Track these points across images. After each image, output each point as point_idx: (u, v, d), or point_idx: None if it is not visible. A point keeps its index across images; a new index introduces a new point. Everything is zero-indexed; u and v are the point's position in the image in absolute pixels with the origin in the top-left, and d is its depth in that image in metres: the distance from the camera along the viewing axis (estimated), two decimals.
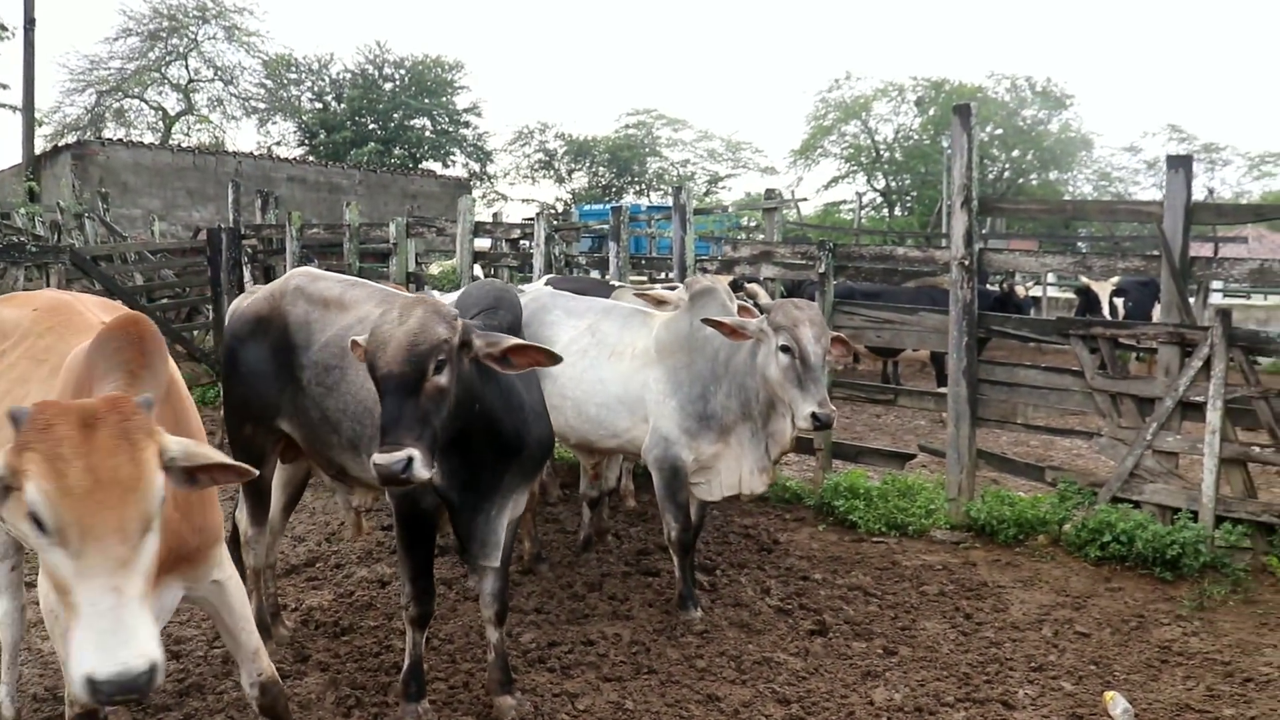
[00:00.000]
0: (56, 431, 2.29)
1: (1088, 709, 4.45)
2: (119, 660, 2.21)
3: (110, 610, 2.24)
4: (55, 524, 2.25)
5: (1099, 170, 40.55)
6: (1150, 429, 6.34)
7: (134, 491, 2.31)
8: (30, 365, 3.23)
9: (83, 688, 2.21)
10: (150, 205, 22.99)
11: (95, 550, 2.25)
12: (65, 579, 2.27)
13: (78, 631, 2.25)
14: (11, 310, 3.57)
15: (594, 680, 4.67)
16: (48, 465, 2.25)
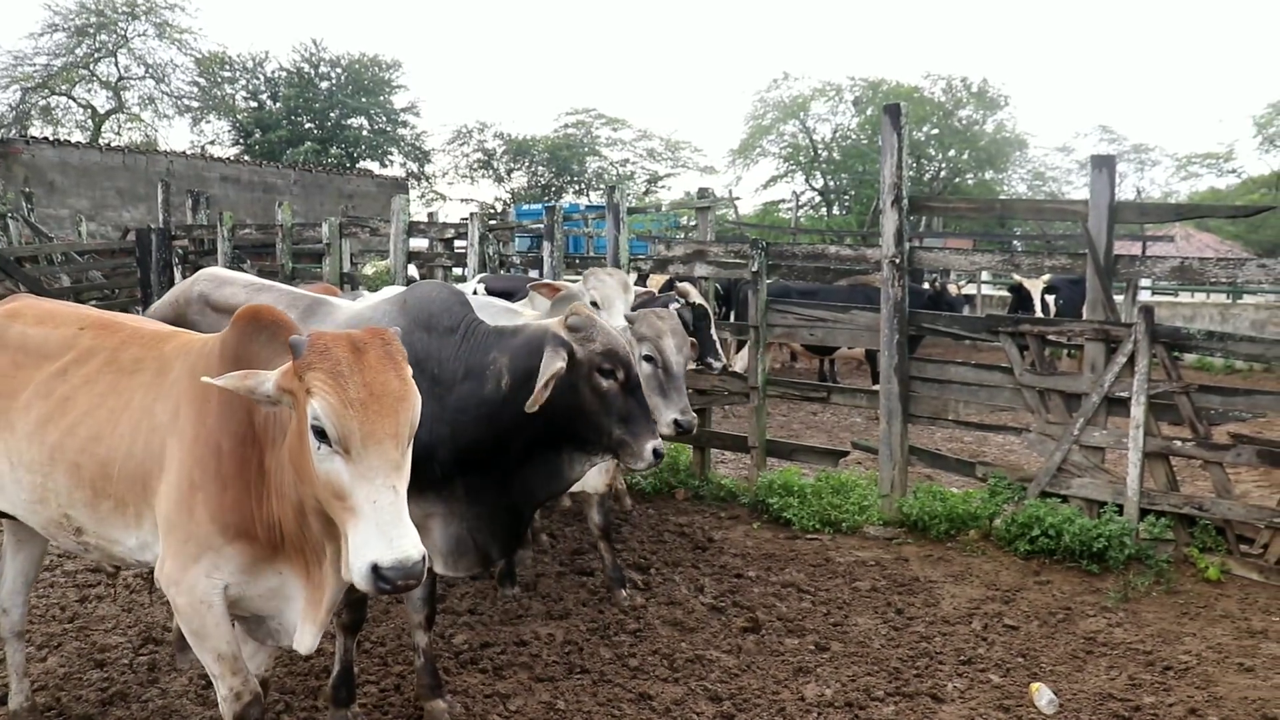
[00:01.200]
0: (334, 354, 2.57)
1: (1014, 700, 4.52)
2: (401, 549, 2.44)
3: (389, 506, 2.49)
4: (339, 432, 2.50)
5: (1033, 170, 41.29)
6: (1077, 424, 6.45)
7: (403, 401, 2.58)
8: (119, 376, 3.30)
9: (367, 577, 2.45)
10: (78, 205, 22.50)
11: (374, 453, 2.50)
12: (344, 485, 2.52)
13: (359, 529, 2.49)
14: (53, 331, 3.55)
15: (526, 681, 4.65)
16: (330, 381, 2.52)
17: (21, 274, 11.58)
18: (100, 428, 3.23)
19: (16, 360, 3.52)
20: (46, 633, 5.25)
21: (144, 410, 3.18)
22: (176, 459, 3.04)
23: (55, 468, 3.30)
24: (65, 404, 3.33)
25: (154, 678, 4.72)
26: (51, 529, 3.49)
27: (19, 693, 4.14)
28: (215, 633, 3.07)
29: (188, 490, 3.00)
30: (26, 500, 3.45)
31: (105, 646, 5.09)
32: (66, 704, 4.43)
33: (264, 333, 3.00)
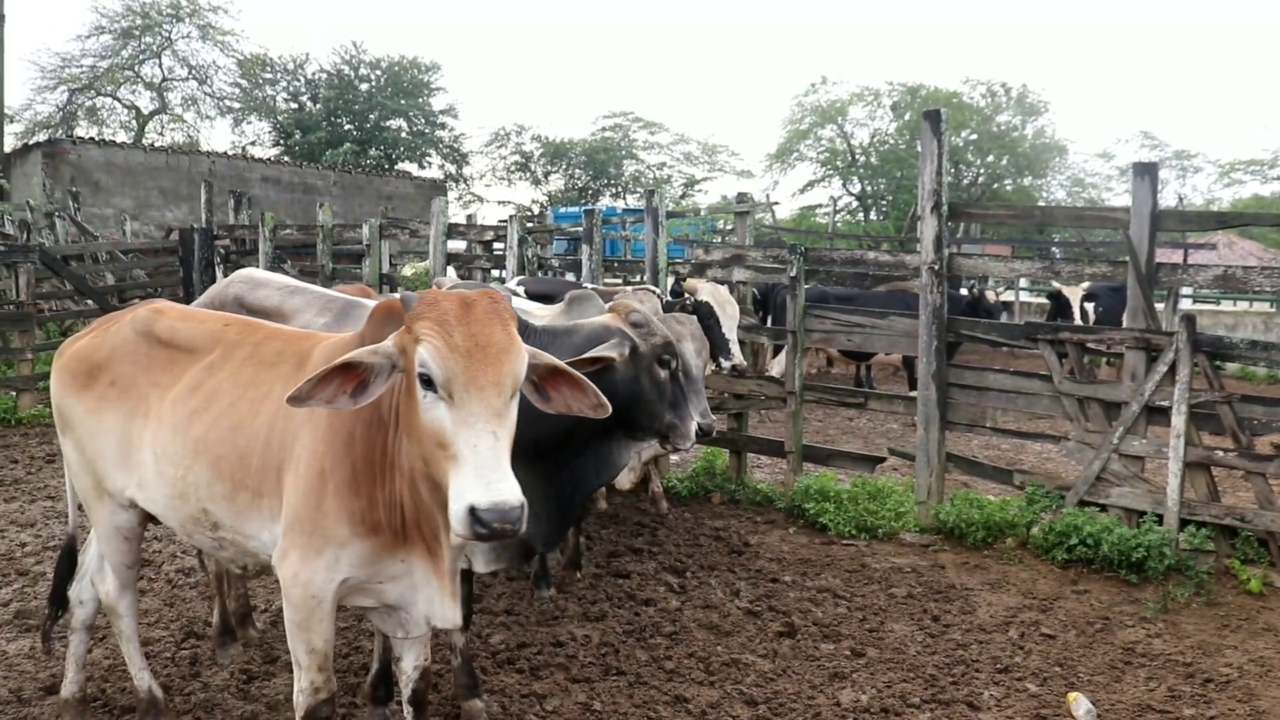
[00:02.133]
0: (442, 306, 2.67)
1: (1052, 710, 4.50)
2: (500, 493, 2.46)
3: (490, 451, 2.52)
4: (444, 377, 2.58)
5: (1072, 176, 40.94)
6: (1117, 433, 6.40)
7: (507, 353, 2.64)
8: (260, 369, 3.39)
9: (465, 520, 2.46)
10: (123, 205, 22.82)
11: (476, 400, 2.56)
12: (446, 431, 2.58)
13: (460, 474, 2.52)
14: (199, 327, 3.64)
15: (562, 681, 4.69)
16: (438, 328, 2.61)
17: (68, 272, 11.76)
18: (241, 418, 3.30)
19: (168, 355, 3.59)
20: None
21: (282, 401, 3.21)
22: (309, 449, 3.10)
23: (197, 460, 3.35)
24: (211, 397, 3.39)
25: (195, 671, 4.79)
26: (189, 526, 3.52)
27: (73, 682, 4.21)
28: (317, 628, 3.14)
29: (318, 481, 3.06)
30: (167, 496, 3.50)
31: (148, 640, 5.15)
32: (111, 695, 4.51)
33: (396, 322, 3.03)
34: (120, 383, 3.61)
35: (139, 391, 3.58)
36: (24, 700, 4.45)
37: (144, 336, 3.65)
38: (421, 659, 3.49)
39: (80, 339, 3.88)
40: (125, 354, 3.64)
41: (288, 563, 3.11)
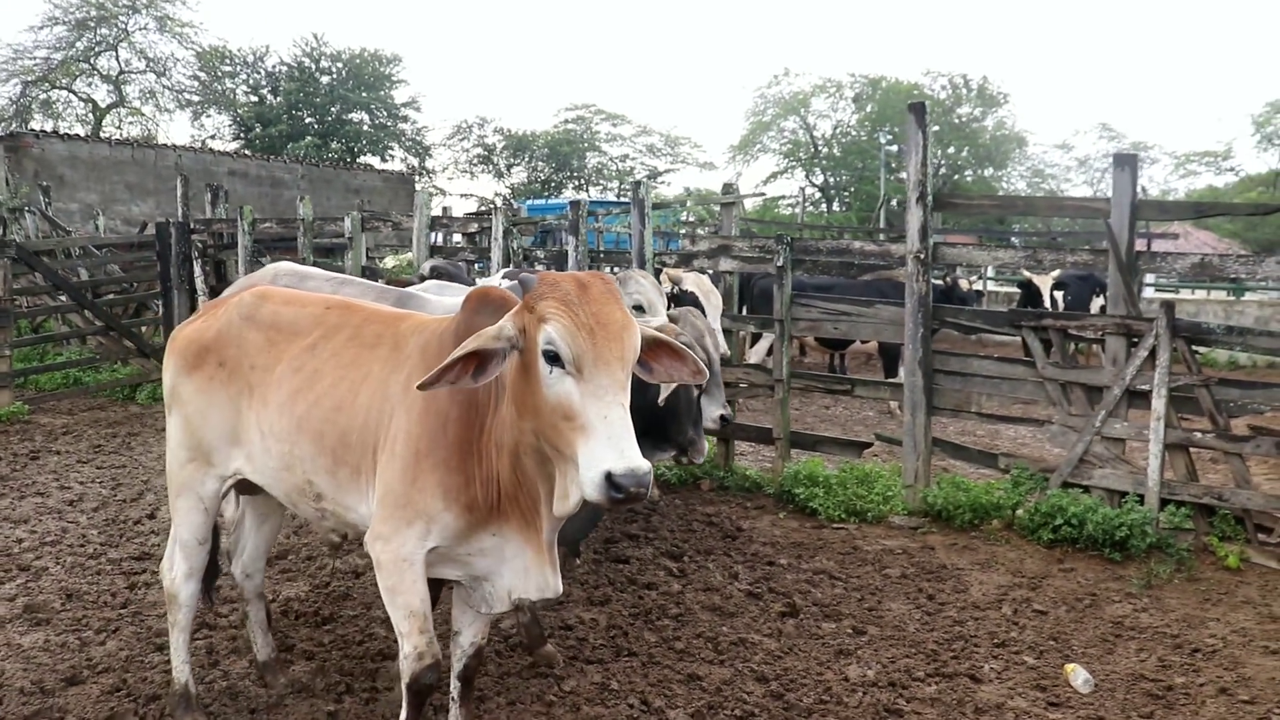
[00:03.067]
0: (563, 286, 2.78)
1: (1051, 680, 4.69)
2: (634, 459, 2.60)
3: (620, 421, 2.65)
4: (572, 353, 2.68)
5: (1032, 167, 41.54)
6: (1099, 416, 6.61)
7: (626, 330, 2.76)
8: (361, 350, 3.51)
9: (600, 486, 2.58)
10: (88, 199, 22.56)
11: (603, 373, 2.68)
12: (574, 405, 2.69)
13: (590, 443, 2.64)
14: (301, 310, 3.78)
15: (577, 663, 4.80)
16: (563, 307, 2.72)
17: (44, 267, 11.67)
18: (342, 398, 3.43)
19: (270, 338, 3.73)
20: (103, 618, 5.39)
21: (380, 382, 3.37)
22: (405, 429, 3.22)
23: (301, 436, 3.50)
24: (313, 377, 3.53)
25: (214, 660, 4.85)
26: (294, 496, 3.69)
27: (265, 646, 4.56)
28: (410, 590, 3.24)
29: (413, 459, 3.17)
30: (274, 468, 3.66)
31: (160, 631, 5.20)
32: (133, 685, 4.57)
33: (490, 308, 3.16)
34: (228, 364, 3.78)
35: (245, 371, 3.73)
36: (47, 691, 4.50)
37: (249, 321, 3.80)
38: (479, 636, 3.61)
39: (190, 324, 4.08)
40: (231, 337, 3.80)
41: (376, 529, 3.25)
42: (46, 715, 4.29)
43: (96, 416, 11.33)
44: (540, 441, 2.87)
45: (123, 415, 11.44)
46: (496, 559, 3.27)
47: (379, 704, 4.37)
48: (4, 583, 5.91)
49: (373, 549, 3.27)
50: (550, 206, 27.25)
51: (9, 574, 6.05)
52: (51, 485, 8.23)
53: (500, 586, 3.31)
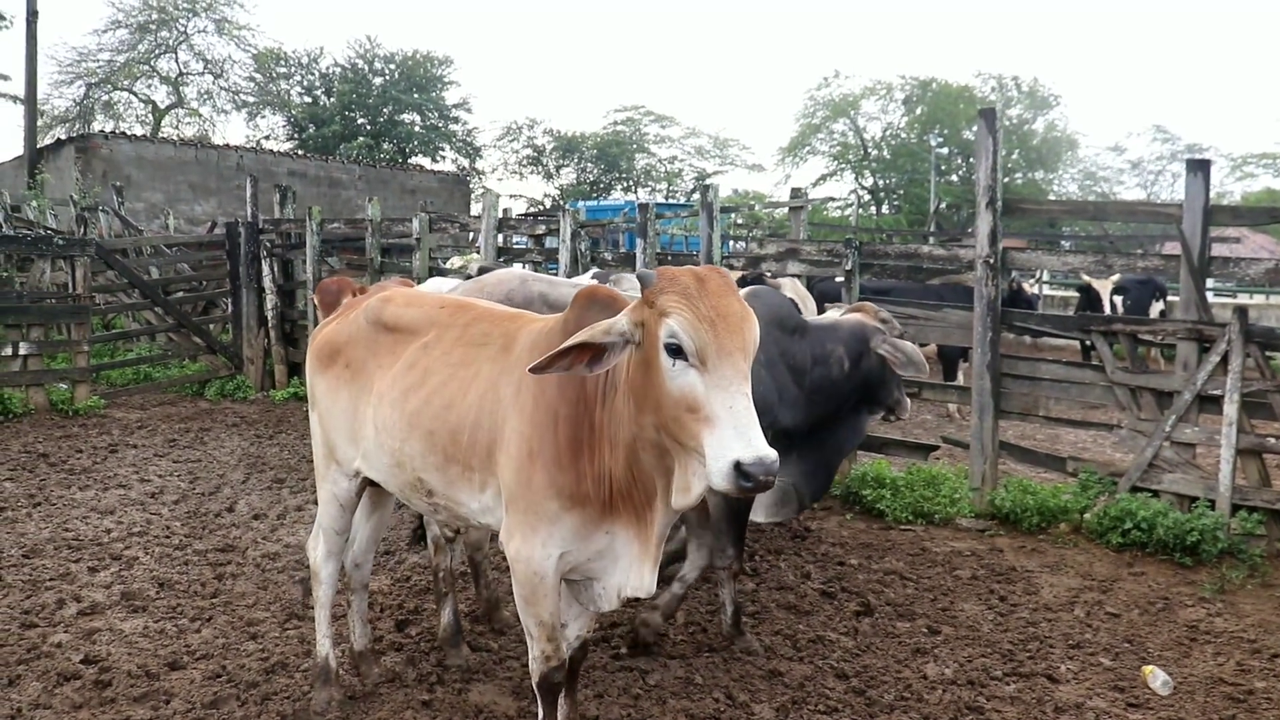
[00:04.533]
0: (682, 281, 2.80)
1: (1128, 681, 4.74)
2: (762, 448, 2.61)
3: (745, 411, 2.67)
4: (696, 345, 2.71)
5: (1084, 170, 41.10)
6: (1169, 421, 6.63)
7: (746, 321, 2.79)
8: (469, 349, 3.61)
9: (728, 475, 2.60)
10: (153, 198, 23.03)
11: (727, 365, 2.70)
12: (699, 395, 2.71)
13: (716, 434, 2.66)
14: (418, 311, 3.92)
15: (659, 658, 4.91)
16: (684, 301, 2.74)
17: (121, 265, 11.98)
18: (452, 397, 3.54)
19: (391, 337, 3.89)
20: (196, 606, 5.57)
21: (490, 382, 3.46)
22: (517, 430, 3.30)
23: (413, 433, 3.62)
24: (425, 375, 3.65)
25: (307, 649, 4.99)
26: (407, 491, 3.83)
27: (362, 636, 4.66)
28: (543, 602, 3.35)
29: (527, 459, 3.25)
30: (387, 464, 3.80)
31: (252, 620, 5.39)
32: (232, 671, 4.73)
33: (599, 305, 3.23)
34: (353, 364, 3.96)
35: (366, 372, 3.89)
36: (151, 675, 4.67)
37: (373, 323, 3.96)
38: (586, 630, 3.70)
39: (326, 326, 4.26)
40: (358, 339, 3.98)
41: (511, 542, 3.34)
42: (154, 698, 4.46)
43: (168, 411, 11.62)
44: (660, 435, 2.91)
45: (193, 410, 11.73)
46: (610, 559, 3.34)
47: (470, 694, 4.51)
48: (99, 571, 6.12)
49: (509, 557, 3.37)
50: (605, 208, 27.40)
51: (102, 563, 6.27)
52: (132, 478, 8.48)
53: (611, 585, 3.38)
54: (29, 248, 11.78)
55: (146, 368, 13.13)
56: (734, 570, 5.14)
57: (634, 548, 3.27)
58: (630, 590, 3.30)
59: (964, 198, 37.45)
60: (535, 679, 3.52)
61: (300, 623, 5.38)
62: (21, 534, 6.78)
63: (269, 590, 5.87)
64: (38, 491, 7.91)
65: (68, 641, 5.00)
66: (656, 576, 3.31)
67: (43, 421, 10.64)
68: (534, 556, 3.28)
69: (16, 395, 10.83)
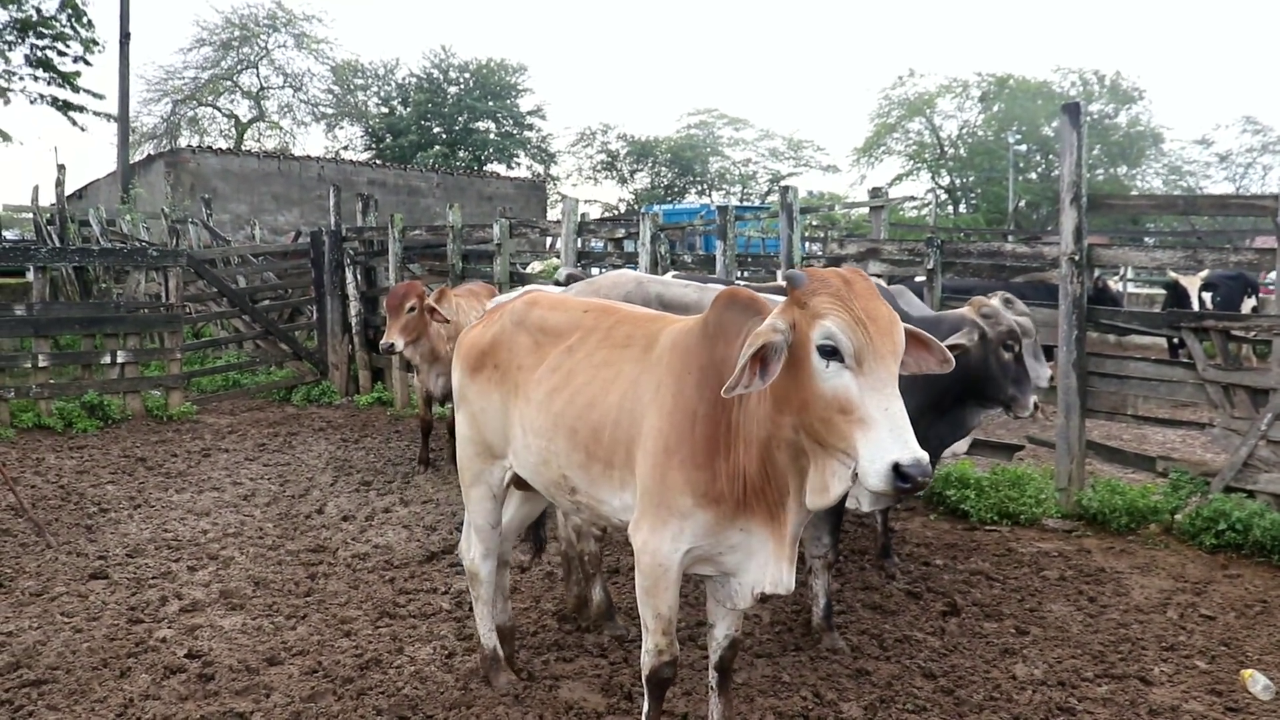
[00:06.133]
0: (832, 282, 2.86)
1: (1226, 685, 4.64)
2: (916, 450, 2.66)
3: (900, 413, 2.72)
4: (853, 347, 2.75)
5: (1169, 164, 40.13)
6: (1265, 419, 6.48)
7: (895, 323, 2.85)
8: (612, 351, 3.72)
9: (886, 477, 2.65)
10: (238, 210, 23.68)
11: (881, 367, 2.75)
12: (852, 398, 2.75)
13: (873, 435, 2.71)
14: (563, 314, 4.07)
15: (746, 657, 4.93)
16: (838, 302, 2.80)
17: (211, 275, 12.33)
18: (595, 396, 3.64)
19: (536, 340, 4.02)
20: (291, 605, 5.72)
21: (631, 381, 3.55)
22: (655, 427, 3.38)
23: (557, 433, 3.75)
24: (569, 376, 3.77)
25: (399, 647, 5.11)
26: (551, 489, 3.97)
27: (502, 611, 4.81)
28: (663, 594, 3.43)
29: (663, 456, 3.33)
30: (533, 463, 3.95)
31: (345, 619, 5.51)
32: (328, 667, 4.85)
33: (739, 307, 3.29)
34: (501, 366, 4.10)
35: (513, 374, 4.03)
36: (251, 669, 4.81)
37: (519, 326, 4.10)
38: (734, 629, 3.73)
39: (474, 330, 4.43)
40: (504, 341, 4.12)
41: (639, 533, 3.41)
42: (254, 691, 4.59)
43: (256, 417, 11.92)
44: (800, 435, 2.94)
45: (281, 416, 12.02)
46: (744, 554, 3.37)
47: (560, 690, 4.57)
48: (197, 570, 6.32)
49: (635, 548, 3.44)
50: (680, 211, 27.47)
51: (201, 562, 6.47)
52: (225, 481, 8.72)
53: (745, 583, 3.41)
54: (125, 260, 12.20)
55: (235, 374, 13.49)
56: (828, 560, 5.18)
57: (769, 545, 3.31)
58: (768, 587, 3.33)
59: (1043, 195, 36.84)
60: (646, 672, 3.58)
61: (391, 620, 5.49)
62: (125, 534, 7.03)
63: (360, 589, 6.00)
64: (137, 494, 8.18)
65: (172, 637, 5.18)
66: (794, 574, 3.34)
67: (139, 427, 11.00)
68: (661, 549, 3.34)
69: (115, 402, 11.20)
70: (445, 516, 7.59)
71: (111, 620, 5.39)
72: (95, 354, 11.08)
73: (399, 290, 8.77)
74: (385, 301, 8.87)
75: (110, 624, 5.34)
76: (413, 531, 7.18)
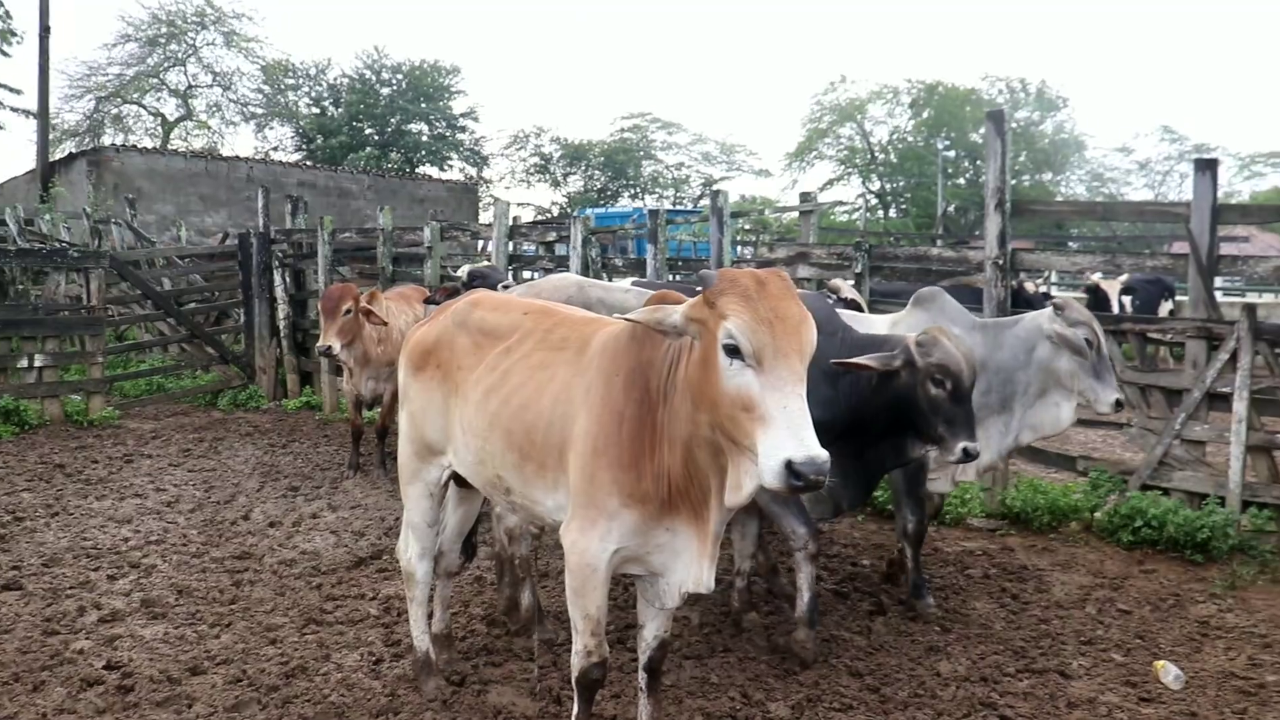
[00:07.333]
0: (742, 282, 2.88)
1: (1140, 677, 4.77)
2: (811, 447, 2.66)
3: (799, 412, 2.73)
4: (754, 346, 2.78)
5: (1091, 171, 41.08)
6: (1179, 419, 6.66)
7: (804, 324, 2.86)
8: (548, 353, 3.75)
9: (780, 474, 2.66)
10: (164, 210, 23.20)
11: (783, 366, 2.77)
12: (754, 396, 2.78)
13: (771, 432, 2.72)
14: (503, 316, 4.08)
15: (675, 658, 4.94)
16: (743, 302, 2.82)
17: (135, 277, 12.08)
18: (529, 398, 3.67)
19: (476, 341, 4.04)
20: (215, 613, 5.62)
21: (564, 384, 3.58)
22: (584, 428, 3.41)
23: (493, 433, 3.78)
24: (505, 377, 3.79)
25: (326, 654, 5.04)
26: (488, 489, 4.02)
27: (440, 620, 4.86)
28: (592, 594, 3.45)
29: (592, 457, 3.36)
30: (471, 462, 3.99)
31: (271, 626, 5.43)
32: (253, 675, 4.78)
33: None
34: (443, 366, 4.13)
35: (454, 373, 4.06)
36: (173, 680, 4.72)
37: (460, 326, 4.13)
38: (663, 630, 3.75)
39: (419, 329, 4.45)
40: (446, 341, 4.15)
41: (569, 533, 3.44)
42: (176, 702, 4.51)
43: (181, 422, 11.69)
44: (715, 433, 2.98)
45: (206, 421, 11.81)
46: (671, 554, 3.40)
47: (489, 695, 4.55)
48: (118, 579, 6.18)
49: (565, 548, 3.47)
50: (612, 215, 27.48)
51: (121, 571, 6.33)
52: (148, 487, 8.55)
53: (673, 582, 3.45)
54: (44, 260, 11.91)
55: (160, 379, 13.23)
56: (810, 551, 4.97)
57: (694, 544, 3.34)
58: (691, 586, 3.37)
59: (971, 200, 37.47)
60: (575, 674, 3.60)
61: (319, 628, 5.43)
62: (41, 543, 6.85)
63: (286, 596, 5.92)
64: (55, 501, 7.98)
65: (90, 648, 5.05)
66: (714, 573, 3.37)
67: (58, 433, 10.73)
68: (590, 549, 3.37)
69: (32, 407, 10.92)
70: (374, 522, 7.51)
71: (25, 633, 5.24)
72: (11, 358, 10.80)
73: (334, 292, 8.66)
74: (320, 304, 8.75)
75: (24, 636, 5.19)
76: (341, 537, 7.10)
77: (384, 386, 8.90)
